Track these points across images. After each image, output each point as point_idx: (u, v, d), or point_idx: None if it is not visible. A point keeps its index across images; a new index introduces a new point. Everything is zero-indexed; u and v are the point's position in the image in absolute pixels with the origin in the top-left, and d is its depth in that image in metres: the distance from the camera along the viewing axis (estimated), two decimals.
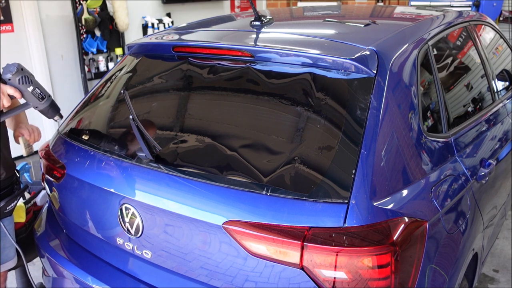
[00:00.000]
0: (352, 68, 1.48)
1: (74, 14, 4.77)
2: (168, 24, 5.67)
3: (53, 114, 1.80)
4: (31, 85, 1.68)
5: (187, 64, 1.80)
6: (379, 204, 1.30)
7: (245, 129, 1.58)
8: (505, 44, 2.84)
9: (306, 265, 1.26)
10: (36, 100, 1.71)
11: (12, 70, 1.64)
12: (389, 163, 1.38)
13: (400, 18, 2.31)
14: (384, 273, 1.25)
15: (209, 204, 1.40)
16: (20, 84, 1.65)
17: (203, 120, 1.67)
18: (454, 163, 1.70)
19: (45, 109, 1.76)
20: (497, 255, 3.00)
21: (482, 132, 2.04)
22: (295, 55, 1.57)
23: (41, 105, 1.74)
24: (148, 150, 1.53)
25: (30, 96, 1.70)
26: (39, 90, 1.72)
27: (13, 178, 1.88)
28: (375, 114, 1.40)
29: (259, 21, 1.91)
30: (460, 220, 1.63)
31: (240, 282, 1.37)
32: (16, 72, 1.64)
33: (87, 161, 1.72)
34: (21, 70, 1.66)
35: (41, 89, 1.72)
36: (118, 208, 1.59)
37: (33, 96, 1.70)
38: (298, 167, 1.36)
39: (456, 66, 2.16)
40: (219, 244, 1.38)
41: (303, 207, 1.29)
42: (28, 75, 1.68)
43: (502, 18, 5.52)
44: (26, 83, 1.67)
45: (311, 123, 1.47)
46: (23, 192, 1.90)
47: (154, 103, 1.84)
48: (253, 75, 1.63)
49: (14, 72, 1.64)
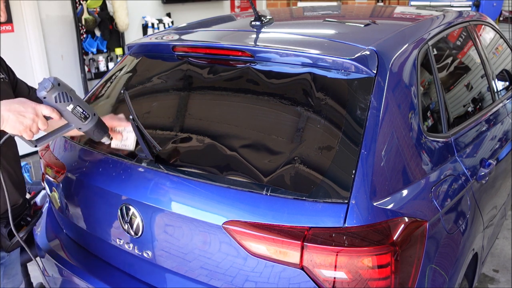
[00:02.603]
0: (352, 68, 1.48)
1: (74, 14, 4.77)
2: (168, 24, 5.67)
3: (100, 136, 1.49)
4: (70, 103, 1.38)
5: (187, 64, 1.80)
6: (379, 204, 1.30)
7: (245, 129, 1.58)
8: (505, 44, 2.84)
9: (306, 265, 1.26)
10: (78, 121, 1.41)
11: (47, 87, 1.33)
12: (389, 163, 1.38)
13: (400, 18, 2.31)
14: (384, 273, 1.25)
15: (209, 204, 1.40)
16: (58, 103, 1.35)
17: (203, 120, 1.67)
18: (454, 163, 1.70)
19: (90, 130, 1.45)
20: (497, 255, 3.00)
21: (482, 132, 2.04)
22: (295, 55, 1.57)
23: (85, 126, 1.43)
24: (148, 150, 1.53)
25: (70, 116, 1.39)
26: (81, 108, 1.41)
27: (26, 204, 1.63)
28: (375, 114, 1.40)
29: (259, 21, 1.91)
30: (460, 220, 1.63)
31: (240, 282, 1.37)
32: (51, 88, 1.34)
33: (87, 161, 1.72)
34: (58, 85, 1.36)
35: (83, 106, 1.41)
36: (118, 208, 1.59)
37: (74, 116, 1.39)
38: (298, 167, 1.36)
39: (456, 66, 2.16)
40: (219, 244, 1.38)
41: (303, 207, 1.29)
42: (67, 91, 1.38)
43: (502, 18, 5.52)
44: (65, 101, 1.36)
45: (311, 123, 1.47)
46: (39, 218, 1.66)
47: (154, 103, 1.84)
48: (253, 75, 1.63)
49: (49, 88, 1.33)
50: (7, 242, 1.45)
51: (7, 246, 1.46)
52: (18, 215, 1.55)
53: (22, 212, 1.56)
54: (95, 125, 1.45)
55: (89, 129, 1.44)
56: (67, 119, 1.40)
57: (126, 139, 1.61)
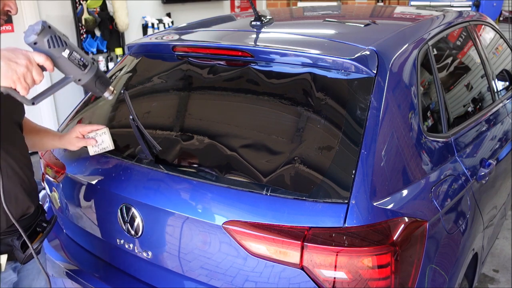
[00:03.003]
0: (352, 68, 1.48)
1: (74, 14, 4.77)
2: (168, 24, 5.67)
3: (102, 88, 1.29)
4: (66, 48, 1.17)
5: (187, 64, 1.80)
6: (379, 204, 1.30)
7: (245, 129, 1.58)
8: (505, 44, 2.84)
9: (306, 265, 1.26)
10: (76, 70, 1.20)
11: (36, 29, 1.13)
12: (389, 163, 1.38)
13: (400, 18, 2.31)
14: (384, 273, 1.25)
15: (209, 204, 1.40)
16: (51, 48, 1.14)
17: (203, 120, 1.67)
18: (454, 163, 1.70)
19: (91, 81, 1.24)
20: (497, 255, 3.00)
21: (482, 132, 2.04)
22: (295, 55, 1.57)
23: (85, 76, 1.22)
24: (148, 150, 1.53)
25: (67, 65, 1.19)
26: (78, 54, 1.20)
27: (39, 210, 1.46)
28: (375, 114, 1.40)
29: (259, 21, 1.91)
30: (460, 220, 1.63)
31: (240, 282, 1.37)
32: (42, 31, 1.13)
33: (87, 161, 1.72)
34: (49, 28, 1.14)
35: (79, 53, 1.21)
36: (118, 208, 1.59)
37: (71, 64, 1.18)
38: (298, 167, 1.36)
39: (456, 66, 2.16)
40: (219, 244, 1.38)
41: (303, 207, 1.29)
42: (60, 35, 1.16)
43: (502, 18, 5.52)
44: (59, 46, 1.15)
45: (311, 123, 1.47)
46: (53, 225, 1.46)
47: (154, 103, 1.84)
48: (253, 75, 1.63)
49: (39, 31, 1.12)
50: (20, 255, 1.33)
51: (21, 259, 1.33)
52: (31, 224, 1.38)
53: (35, 221, 1.40)
54: (96, 74, 1.25)
55: (90, 80, 1.24)
56: (63, 69, 1.20)
57: (102, 142, 1.58)
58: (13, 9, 1.27)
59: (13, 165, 1.31)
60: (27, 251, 1.32)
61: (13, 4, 1.27)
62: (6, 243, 1.31)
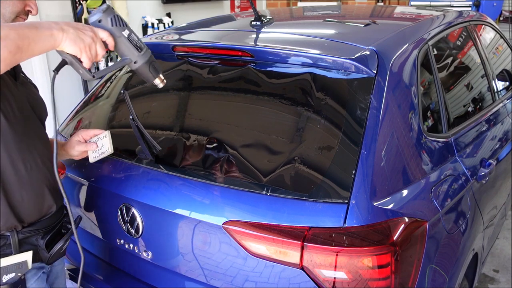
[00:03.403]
0: (352, 68, 1.48)
1: (74, 14, 4.77)
2: (168, 24, 5.67)
3: (155, 73, 1.33)
4: (126, 29, 1.23)
5: (187, 64, 1.80)
6: (379, 204, 1.30)
7: (245, 129, 1.58)
8: (505, 44, 2.84)
9: (306, 265, 1.26)
10: (133, 50, 1.25)
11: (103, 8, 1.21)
12: (389, 163, 1.38)
13: (400, 18, 2.31)
14: (384, 273, 1.24)
15: (209, 204, 1.40)
16: (114, 26, 1.21)
17: (203, 120, 1.67)
18: (454, 163, 1.70)
19: (145, 65, 1.29)
20: (497, 255, 3.00)
21: (482, 132, 2.04)
22: (295, 55, 1.57)
23: (141, 58, 1.27)
24: (148, 150, 1.53)
25: (125, 44, 1.24)
26: (136, 36, 1.26)
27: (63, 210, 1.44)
28: (375, 114, 1.40)
29: (259, 21, 1.91)
30: (460, 220, 1.63)
31: (240, 282, 1.37)
32: (107, 9, 1.21)
33: (87, 161, 1.72)
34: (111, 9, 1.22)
35: (137, 36, 1.27)
36: (118, 208, 1.58)
37: (130, 44, 1.24)
38: (298, 167, 1.36)
39: (456, 66, 2.16)
40: (219, 244, 1.38)
41: (303, 207, 1.28)
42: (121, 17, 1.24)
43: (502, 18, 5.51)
44: (121, 25, 1.22)
45: (311, 123, 1.47)
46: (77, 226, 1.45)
47: (154, 103, 1.84)
48: (253, 75, 1.63)
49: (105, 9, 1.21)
50: (45, 254, 1.32)
51: (46, 258, 1.33)
52: (56, 224, 1.37)
53: (59, 220, 1.39)
54: (150, 58, 1.30)
55: (145, 63, 1.28)
56: (121, 48, 1.25)
57: (102, 146, 1.56)
58: (34, 9, 1.28)
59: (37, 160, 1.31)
60: (52, 250, 1.33)
61: (34, 4, 1.28)
62: (31, 243, 1.30)
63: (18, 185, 1.25)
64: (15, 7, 1.23)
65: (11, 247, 1.25)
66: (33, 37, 1.05)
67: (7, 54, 0.99)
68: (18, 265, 1.26)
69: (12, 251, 1.25)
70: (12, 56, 1.01)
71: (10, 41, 1.00)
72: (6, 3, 1.20)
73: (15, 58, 1.02)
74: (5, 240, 1.24)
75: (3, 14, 1.20)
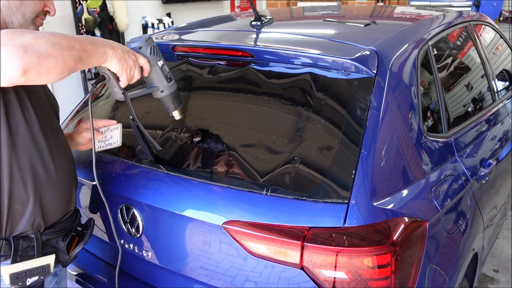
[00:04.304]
0: (352, 68, 1.48)
1: (74, 14, 4.77)
2: (168, 24, 5.67)
3: (177, 104, 1.42)
4: (161, 59, 1.34)
5: (187, 64, 1.80)
6: (379, 204, 1.30)
7: (245, 129, 1.58)
8: (505, 44, 2.84)
9: (306, 265, 1.26)
10: (163, 80, 1.35)
11: (146, 37, 1.32)
12: (389, 163, 1.38)
13: (400, 18, 2.31)
14: (384, 273, 1.24)
15: (209, 204, 1.40)
16: (151, 55, 1.32)
17: (203, 120, 1.67)
18: (454, 163, 1.70)
19: (170, 95, 1.38)
20: (497, 255, 3.00)
21: (482, 132, 2.04)
22: (295, 55, 1.57)
23: (168, 88, 1.37)
24: (148, 150, 1.53)
25: (158, 74, 1.34)
26: (167, 68, 1.37)
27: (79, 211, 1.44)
28: (375, 114, 1.40)
29: (259, 21, 1.91)
30: (460, 220, 1.63)
31: (240, 282, 1.37)
32: (148, 39, 1.32)
33: (86, 161, 1.72)
34: (152, 40, 1.33)
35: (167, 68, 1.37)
36: (118, 208, 1.58)
37: (161, 74, 1.34)
38: (298, 167, 1.36)
39: (456, 66, 2.16)
40: (219, 244, 1.38)
41: (303, 207, 1.29)
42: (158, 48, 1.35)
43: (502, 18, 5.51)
44: (157, 55, 1.33)
45: (311, 123, 1.47)
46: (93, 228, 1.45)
47: (154, 103, 1.84)
48: (253, 75, 1.63)
49: (147, 38, 1.32)
50: (64, 256, 1.33)
51: (64, 261, 1.34)
52: (72, 226, 1.37)
53: (75, 222, 1.40)
54: (176, 90, 1.40)
55: (171, 93, 1.38)
56: (152, 76, 1.35)
57: (111, 137, 1.56)
58: (52, 10, 1.29)
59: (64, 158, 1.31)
60: (72, 253, 1.34)
61: (52, 5, 1.29)
62: (52, 245, 1.30)
63: (49, 184, 1.25)
64: (36, 7, 1.24)
65: (35, 249, 1.24)
66: (92, 51, 1.15)
67: (72, 63, 1.08)
68: (42, 268, 1.25)
69: (35, 254, 1.24)
70: (75, 65, 1.09)
71: (76, 51, 1.09)
72: (27, 3, 1.21)
73: (76, 67, 1.10)
74: (28, 242, 1.23)
75: (23, 13, 1.21)
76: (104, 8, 5.00)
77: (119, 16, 4.97)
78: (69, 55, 1.06)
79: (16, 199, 1.19)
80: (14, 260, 1.21)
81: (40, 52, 1.01)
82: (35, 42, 1.01)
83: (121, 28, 5.07)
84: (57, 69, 1.05)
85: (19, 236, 1.22)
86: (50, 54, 1.02)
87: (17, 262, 1.21)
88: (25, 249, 1.23)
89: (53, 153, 1.26)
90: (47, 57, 1.02)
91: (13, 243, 1.20)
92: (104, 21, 5.01)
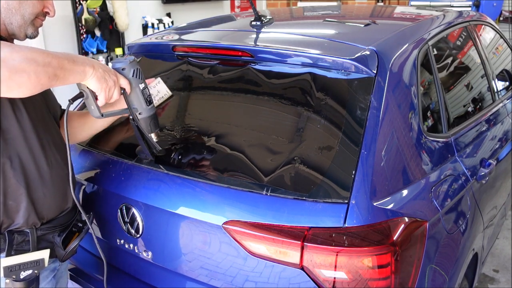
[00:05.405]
0: (352, 68, 1.48)
1: (74, 14, 4.77)
2: (168, 24, 5.67)
3: (154, 127, 1.44)
4: (143, 82, 1.36)
5: (187, 64, 1.80)
6: (379, 204, 1.30)
7: (245, 129, 1.58)
8: (505, 44, 2.84)
9: (306, 265, 1.26)
10: (143, 103, 1.37)
11: (130, 59, 1.34)
12: (389, 163, 1.38)
13: (400, 18, 2.31)
14: (384, 273, 1.24)
15: (209, 204, 1.40)
16: (133, 77, 1.33)
17: (203, 120, 1.67)
18: (454, 163, 1.70)
19: (148, 118, 1.40)
20: (497, 255, 3.00)
21: (482, 132, 2.04)
22: (295, 55, 1.57)
23: (146, 112, 1.38)
24: (148, 150, 1.53)
25: (138, 96, 1.35)
26: (149, 92, 1.38)
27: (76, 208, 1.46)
28: (375, 114, 1.40)
29: (259, 21, 1.91)
30: (460, 220, 1.63)
31: (240, 282, 1.37)
32: (132, 61, 1.33)
33: (86, 161, 1.72)
34: (136, 62, 1.35)
35: (149, 92, 1.39)
36: (118, 208, 1.58)
37: (142, 97, 1.36)
38: (298, 167, 1.36)
39: (456, 66, 2.16)
40: (219, 244, 1.38)
41: (303, 207, 1.28)
42: (141, 71, 1.36)
43: (502, 18, 5.51)
44: (139, 78, 1.34)
45: (311, 123, 1.47)
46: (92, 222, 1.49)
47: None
48: (253, 75, 1.63)
49: (131, 60, 1.33)
50: (61, 251, 1.35)
51: (61, 256, 1.36)
52: (70, 221, 1.40)
53: (73, 218, 1.42)
54: (154, 114, 1.41)
55: (149, 116, 1.39)
56: (133, 98, 1.36)
57: (158, 93, 1.60)
58: (51, 11, 1.31)
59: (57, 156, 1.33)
60: (68, 248, 1.36)
61: (51, 6, 1.30)
62: (47, 240, 1.33)
63: (41, 182, 1.28)
64: (35, 9, 1.25)
65: (30, 244, 1.28)
66: (69, 69, 1.15)
67: (46, 80, 1.08)
68: (36, 262, 1.29)
69: (30, 248, 1.28)
70: (49, 82, 1.09)
71: (52, 68, 1.09)
72: (26, 4, 1.22)
73: (51, 83, 1.10)
74: (24, 236, 1.27)
75: (22, 14, 1.22)
76: (104, 8, 5.00)
77: (119, 16, 4.97)
78: (44, 71, 1.07)
79: (10, 195, 1.23)
80: (8, 253, 1.25)
81: (13, 67, 1.02)
82: (10, 56, 1.02)
83: (121, 28, 5.07)
84: (29, 85, 1.06)
85: (14, 230, 1.26)
86: (23, 69, 1.03)
87: (12, 255, 1.25)
88: (20, 243, 1.27)
89: (46, 151, 1.29)
90: (19, 72, 1.03)
91: (7, 237, 1.25)
92: (104, 21, 5.01)
